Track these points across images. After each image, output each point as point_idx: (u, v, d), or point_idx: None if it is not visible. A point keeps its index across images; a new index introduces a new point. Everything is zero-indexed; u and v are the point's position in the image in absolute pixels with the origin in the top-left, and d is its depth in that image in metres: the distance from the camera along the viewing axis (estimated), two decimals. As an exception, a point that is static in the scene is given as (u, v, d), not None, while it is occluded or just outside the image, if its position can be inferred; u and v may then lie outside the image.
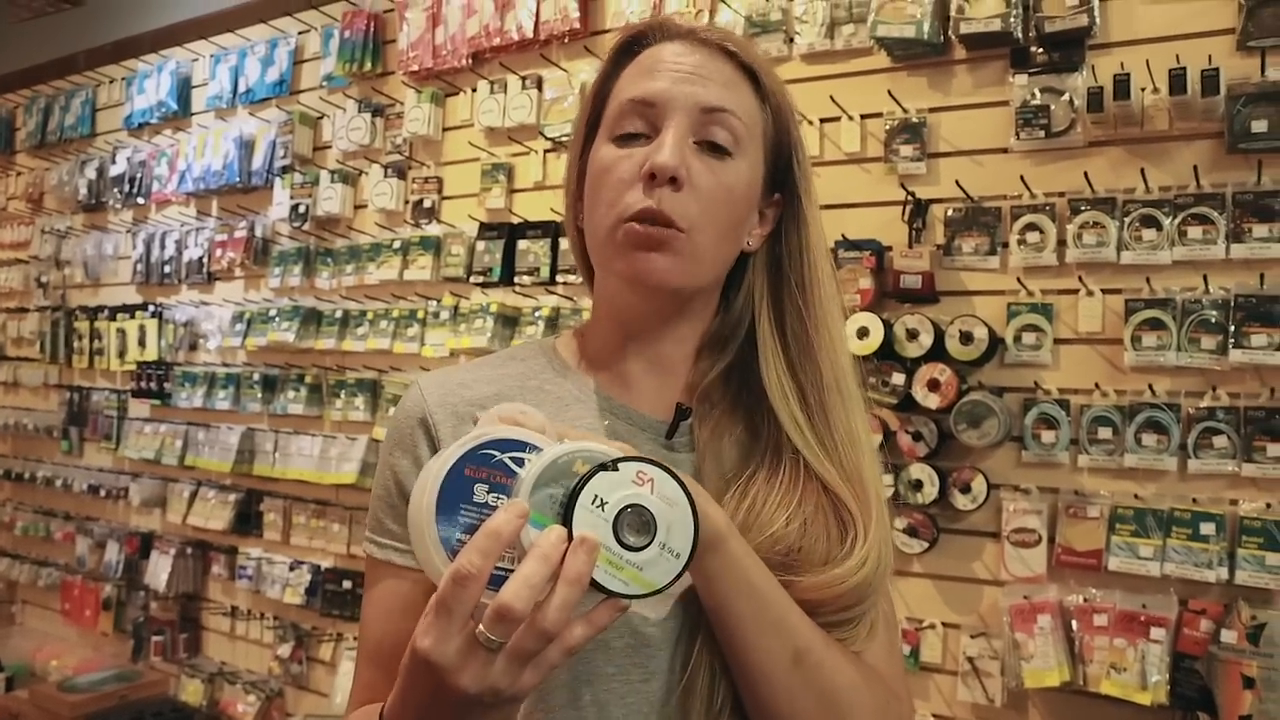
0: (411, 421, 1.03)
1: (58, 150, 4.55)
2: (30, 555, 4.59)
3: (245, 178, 3.64)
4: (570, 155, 1.09)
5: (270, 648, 3.53)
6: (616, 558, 0.78)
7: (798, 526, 0.96)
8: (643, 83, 0.99)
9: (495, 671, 0.74)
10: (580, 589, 0.74)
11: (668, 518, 0.79)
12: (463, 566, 0.72)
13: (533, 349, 1.12)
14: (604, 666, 0.95)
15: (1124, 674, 1.96)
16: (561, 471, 0.78)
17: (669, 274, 0.97)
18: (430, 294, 3.17)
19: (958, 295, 2.26)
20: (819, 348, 1.02)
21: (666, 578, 0.79)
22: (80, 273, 4.37)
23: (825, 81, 2.44)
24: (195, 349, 3.87)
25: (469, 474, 0.79)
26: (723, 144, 0.98)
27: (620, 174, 0.98)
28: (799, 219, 1.05)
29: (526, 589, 0.72)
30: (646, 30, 1.04)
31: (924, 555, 2.26)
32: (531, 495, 0.77)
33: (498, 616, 0.72)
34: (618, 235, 0.98)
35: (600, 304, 1.09)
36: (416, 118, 3.17)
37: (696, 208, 0.97)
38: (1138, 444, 2.03)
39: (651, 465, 0.79)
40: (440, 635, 0.73)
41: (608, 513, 0.77)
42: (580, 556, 0.74)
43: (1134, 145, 2.10)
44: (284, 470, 3.47)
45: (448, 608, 0.73)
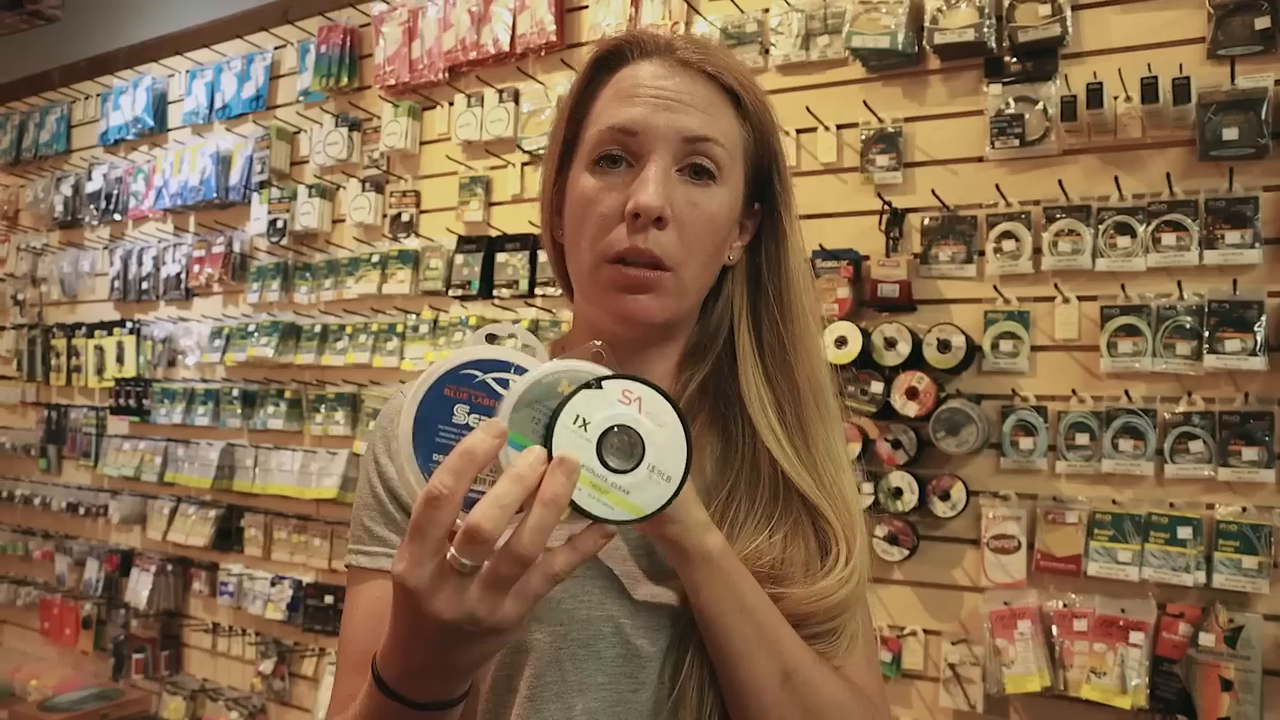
0: (396, 425, 1.02)
1: (33, 167, 4.52)
2: (9, 574, 4.55)
3: (223, 193, 3.63)
4: (546, 171, 1.08)
5: (252, 664, 3.51)
6: (600, 480, 0.75)
7: (779, 541, 0.96)
8: (622, 109, 0.97)
9: (471, 598, 0.72)
10: (557, 511, 0.71)
11: (657, 439, 0.76)
12: (434, 487, 0.70)
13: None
14: (595, 676, 0.95)
15: (1104, 678, 1.98)
16: (546, 391, 0.75)
17: (657, 313, 0.98)
18: (409, 308, 3.17)
19: (935, 304, 2.27)
20: (797, 360, 1.02)
21: (656, 503, 0.76)
22: (57, 290, 4.34)
23: (801, 92, 2.45)
24: (174, 365, 3.85)
25: (448, 394, 0.77)
26: (707, 170, 0.98)
27: (602, 209, 0.97)
28: (778, 232, 1.05)
29: (497, 509, 0.70)
30: (623, 44, 1.02)
31: (904, 563, 2.27)
32: (512, 415, 0.74)
33: (467, 538, 0.70)
34: (601, 275, 0.97)
35: (581, 323, 1.08)
36: (394, 132, 3.17)
37: (681, 243, 0.96)
38: (1115, 449, 2.05)
39: (639, 383, 0.76)
40: (414, 559, 0.71)
41: (590, 433, 0.74)
42: (558, 477, 0.71)
43: (1107, 153, 2.12)
44: (264, 486, 3.45)
45: (421, 530, 0.71)
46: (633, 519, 0.76)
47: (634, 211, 0.94)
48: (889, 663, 2.25)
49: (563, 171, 1.04)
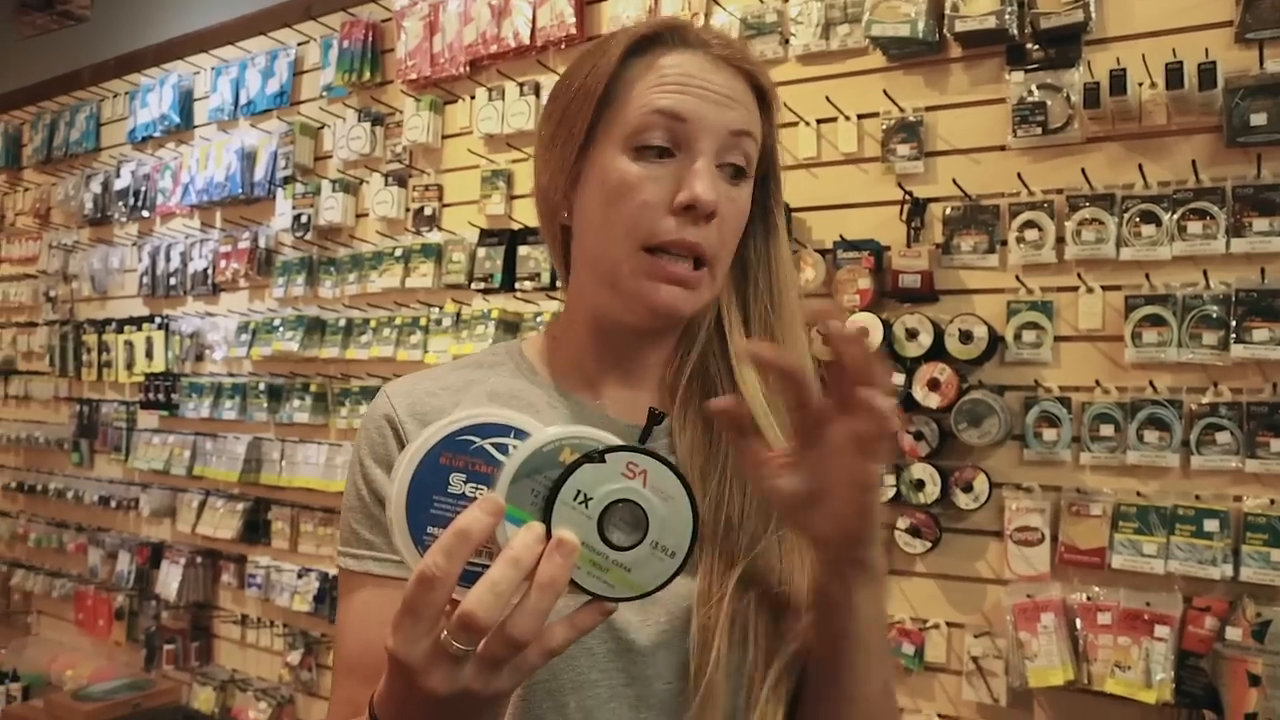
0: (381, 426, 1.01)
1: (64, 165, 4.58)
2: (44, 566, 4.61)
3: (248, 189, 3.66)
4: (557, 153, 1.03)
5: (280, 655, 3.54)
6: (601, 558, 0.72)
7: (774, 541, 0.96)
8: (671, 94, 0.96)
9: (466, 675, 0.71)
10: (554, 595, 0.69)
11: (661, 513, 0.73)
12: (427, 568, 0.68)
13: (499, 354, 1.10)
14: (589, 673, 0.94)
15: (1128, 672, 1.95)
16: (547, 461, 0.72)
17: (687, 307, 0.98)
18: (432, 301, 3.18)
19: (957, 294, 2.25)
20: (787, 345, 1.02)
21: (658, 579, 0.74)
22: (88, 286, 4.39)
23: (821, 82, 2.43)
24: (201, 360, 3.89)
25: (444, 462, 0.73)
26: (742, 167, 0.98)
27: (646, 196, 0.95)
28: (769, 226, 1.06)
29: (491, 596, 0.68)
30: (662, 30, 1.00)
31: (927, 555, 2.25)
32: (511, 486, 0.71)
33: (461, 625, 0.68)
34: (639, 263, 0.96)
35: (578, 310, 1.06)
36: (416, 126, 3.18)
37: (720, 239, 0.97)
38: (1140, 441, 2.02)
39: (646, 456, 0.72)
40: (407, 637, 0.70)
41: (592, 509, 0.71)
42: (556, 560, 0.69)
43: (1132, 141, 2.09)
44: (290, 479, 3.48)
45: (414, 610, 0.69)
46: (633, 596, 0.74)
47: (689, 203, 0.93)
48: (911, 655, 2.24)
49: (583, 153, 1.01)
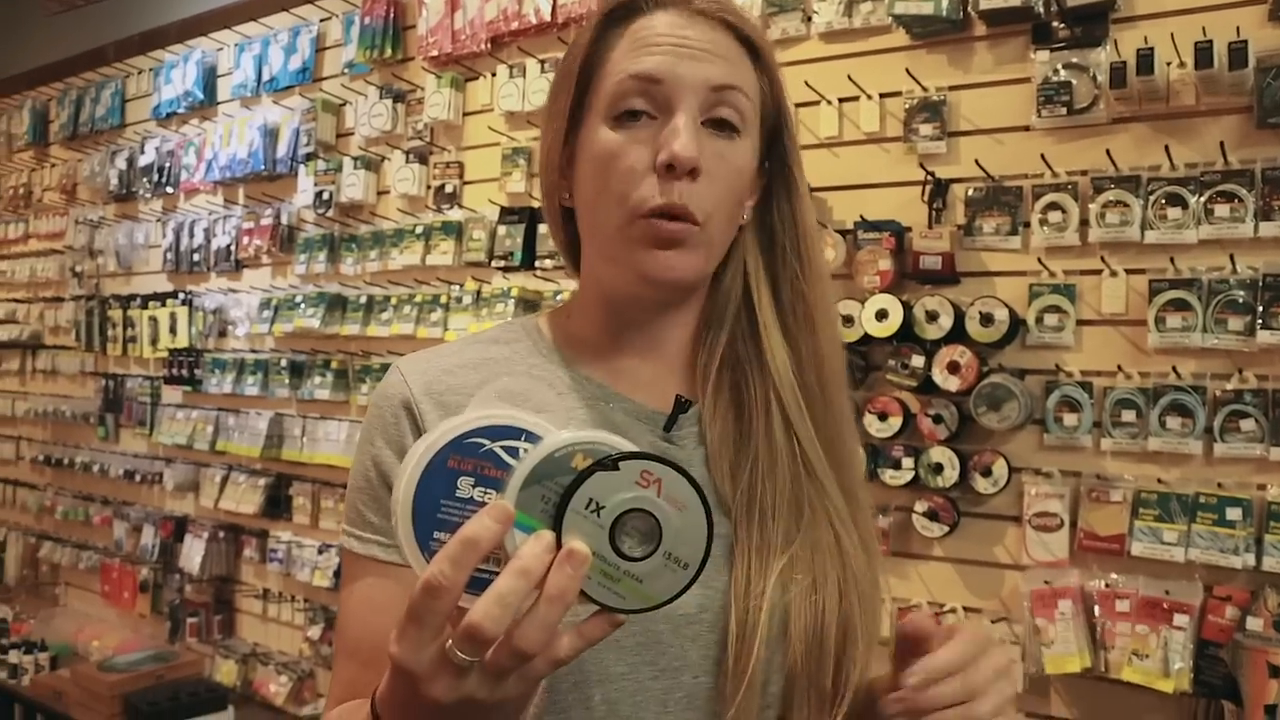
0: (394, 406, 0.98)
1: (90, 141, 4.61)
2: (71, 539, 4.68)
3: (270, 165, 3.66)
4: (550, 132, 1.02)
5: (301, 629, 3.57)
6: (612, 568, 0.70)
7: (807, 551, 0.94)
8: (643, 57, 0.93)
9: (470, 684, 0.69)
10: (563, 608, 0.67)
11: (675, 523, 0.70)
12: (433, 577, 0.66)
13: (516, 331, 1.06)
14: (614, 665, 0.91)
15: (1146, 661, 1.93)
16: (558, 467, 0.69)
17: (687, 270, 0.94)
18: (453, 279, 3.18)
19: (979, 276, 2.22)
20: (819, 316, 1.00)
21: (670, 591, 0.71)
22: (113, 262, 4.42)
23: (844, 60, 2.40)
24: (224, 336, 3.91)
25: (452, 466, 0.71)
26: (732, 123, 0.94)
27: (630, 162, 0.92)
28: (790, 186, 1.02)
29: (498, 609, 0.66)
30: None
31: (944, 539, 2.23)
32: (521, 492, 0.69)
33: (467, 636, 0.66)
34: (633, 231, 0.93)
35: (591, 290, 1.04)
36: (437, 103, 3.17)
37: (711, 196, 0.93)
38: (1162, 427, 1.99)
39: (661, 464, 0.70)
40: (412, 644, 0.68)
41: (604, 518, 0.69)
42: (565, 571, 0.67)
43: (1159, 121, 2.05)
44: (312, 455, 3.50)
45: (418, 617, 0.67)
46: (645, 608, 0.71)
47: (668, 162, 0.90)
48: (927, 640, 2.23)
49: (573, 130, 0.99)
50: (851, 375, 2.28)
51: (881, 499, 2.31)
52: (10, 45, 5.23)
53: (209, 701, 3.50)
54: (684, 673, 0.93)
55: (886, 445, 2.28)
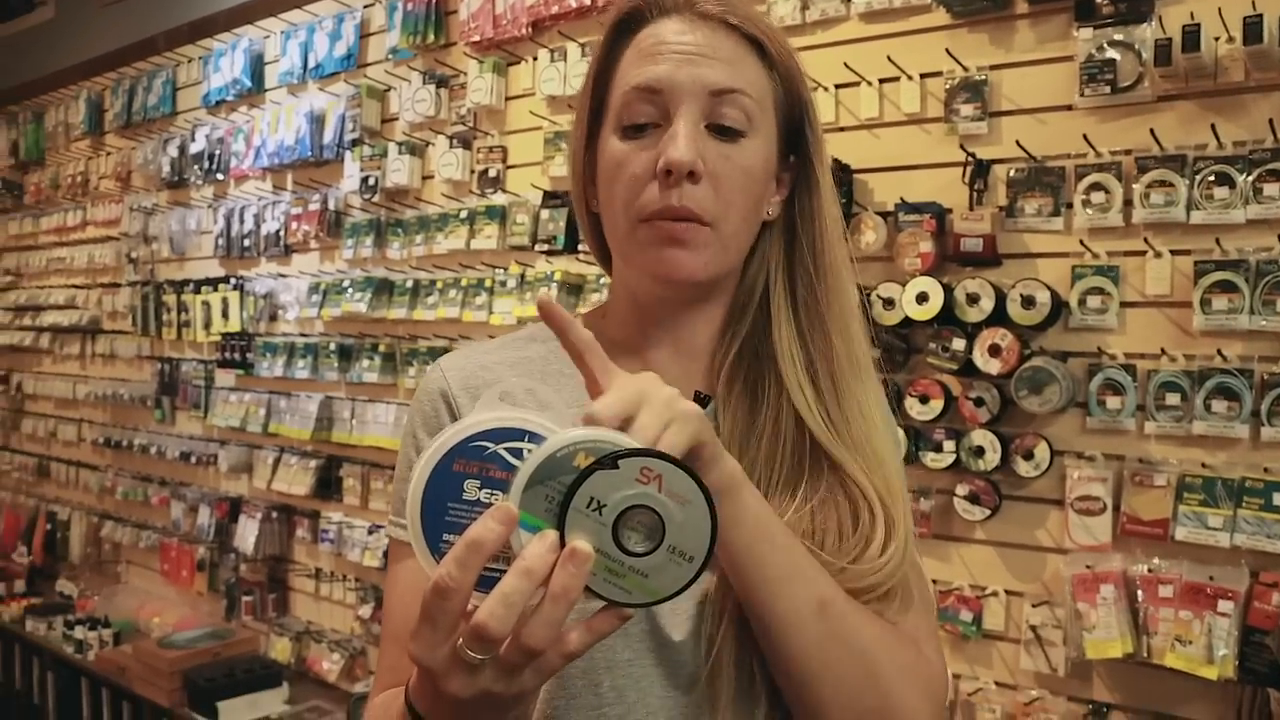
0: (434, 398, 1.03)
1: (142, 130, 4.68)
2: (131, 518, 4.80)
3: (317, 151, 3.71)
4: (575, 140, 1.07)
5: (352, 608, 3.64)
6: (617, 565, 0.71)
7: (808, 512, 0.95)
8: (645, 68, 0.96)
9: (485, 679, 0.71)
10: (567, 605, 0.69)
11: (678, 518, 0.71)
12: (441, 578, 0.69)
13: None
14: (622, 652, 0.94)
15: (1189, 647, 1.92)
16: (561, 466, 0.70)
17: (696, 269, 0.96)
18: (497, 263, 3.20)
19: (1020, 258, 2.20)
20: (830, 313, 1.01)
21: (675, 585, 0.72)
22: (167, 248, 4.51)
23: (884, 40, 2.38)
24: (275, 320, 3.98)
25: (458, 469, 0.73)
26: (736, 125, 0.96)
27: (634, 170, 0.96)
28: (811, 182, 1.03)
29: (504, 608, 0.68)
30: (642, 5, 1.00)
31: (986, 522, 2.22)
32: (525, 492, 0.70)
33: (475, 635, 0.68)
34: (640, 235, 0.96)
35: (620, 290, 1.08)
36: (479, 88, 3.18)
37: (716, 197, 0.95)
38: (1207, 411, 1.96)
39: (660, 460, 0.70)
40: (426, 644, 0.70)
41: (606, 516, 0.70)
42: (569, 570, 0.68)
43: (1206, 99, 2.01)
44: (361, 437, 3.55)
45: (431, 617, 0.70)
46: (650, 602, 0.72)
47: (665, 168, 0.93)
48: (969, 622, 2.23)
49: (593, 139, 1.03)
50: (892, 358, 2.29)
51: (923, 482, 2.31)
52: (66, 38, 5.33)
53: (264, 678, 3.58)
54: (686, 658, 0.95)
55: (928, 428, 2.28)
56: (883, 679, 0.91)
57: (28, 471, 5.55)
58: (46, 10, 5.58)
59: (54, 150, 5.37)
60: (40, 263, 5.43)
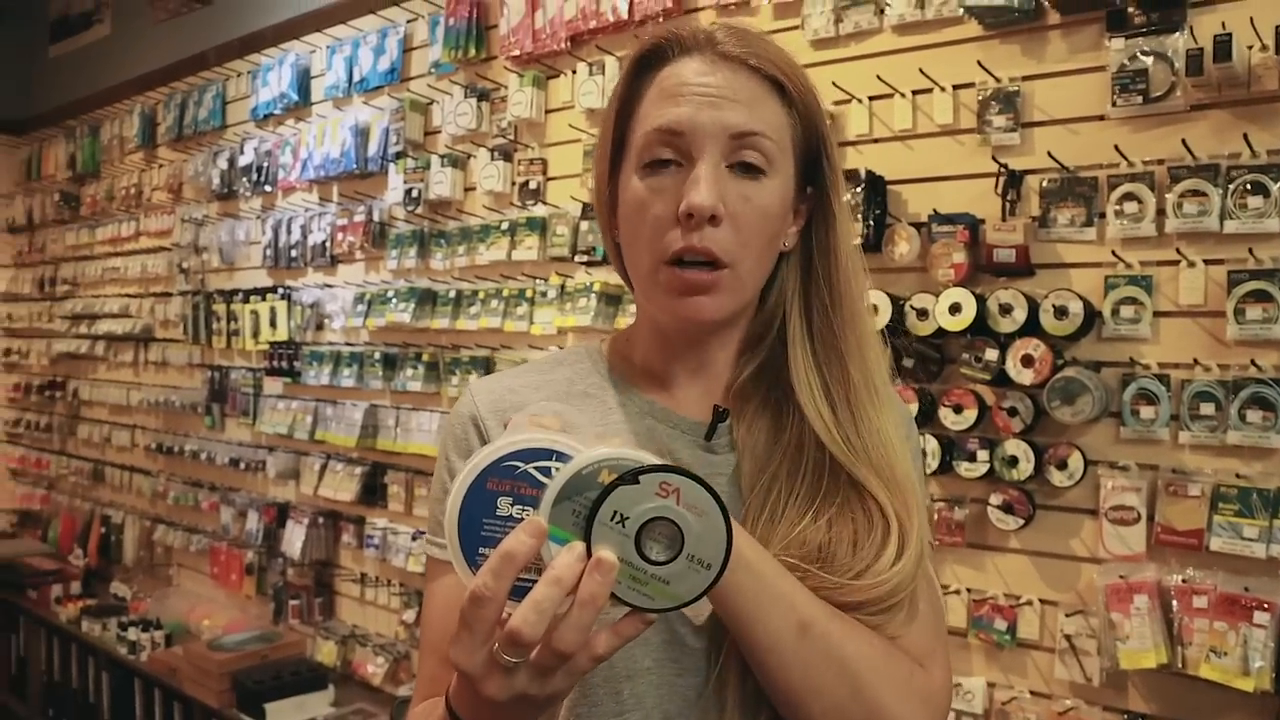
0: (464, 422, 1.08)
1: (193, 143, 4.80)
2: (183, 522, 4.90)
3: (362, 164, 3.78)
4: (597, 173, 1.11)
5: (396, 613, 3.70)
6: (640, 573, 0.76)
7: (824, 524, 0.98)
8: (668, 109, 0.99)
9: (520, 682, 0.76)
10: (594, 611, 0.74)
11: (696, 528, 0.76)
12: (478, 588, 0.74)
13: (580, 353, 1.15)
14: (642, 660, 0.98)
15: (1224, 658, 1.91)
16: (586, 483, 0.76)
17: (715, 313, 1.00)
18: (538, 273, 3.25)
19: (1053, 268, 2.20)
20: (845, 344, 1.04)
21: (695, 590, 0.77)
22: (216, 258, 4.61)
23: (916, 53, 2.39)
24: (321, 329, 4.06)
25: (491, 487, 0.78)
26: (756, 165, 0.99)
27: (656, 211, 0.99)
28: (828, 215, 1.06)
29: (535, 615, 0.73)
30: (662, 42, 1.03)
31: (1020, 532, 2.23)
32: (554, 507, 0.76)
33: (509, 640, 0.74)
34: (660, 277, 1.00)
35: (643, 316, 1.12)
36: (520, 101, 3.23)
37: (736, 239, 0.98)
38: (1242, 420, 1.96)
39: (677, 475, 0.76)
40: (465, 649, 0.76)
41: (629, 528, 0.75)
42: (596, 578, 0.74)
43: (1239, 108, 2.01)
44: (405, 445, 3.61)
45: (469, 624, 0.75)
46: (672, 607, 0.78)
47: (687, 212, 0.96)
48: (1004, 631, 2.23)
49: (615, 173, 1.06)
50: (926, 368, 2.31)
51: (956, 491, 2.32)
52: (121, 55, 5.46)
53: (310, 681, 3.65)
54: (705, 667, 0.99)
55: (962, 438, 2.29)
56: (870, 695, 0.94)
57: (83, 476, 5.69)
58: (103, 28, 5.73)
59: (109, 163, 5.52)
60: (95, 272, 5.57)
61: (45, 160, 6.10)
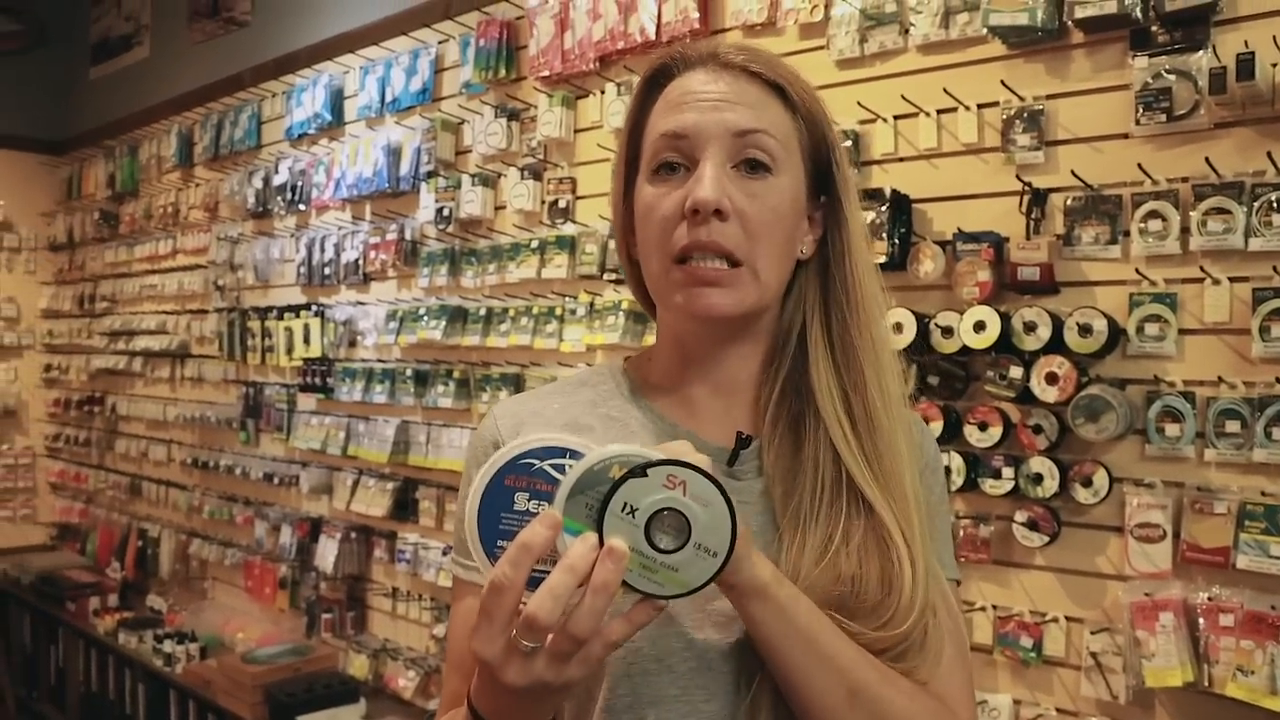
0: (487, 445, 1.10)
1: (229, 162, 4.88)
2: (218, 536, 4.97)
3: (394, 183, 3.84)
4: (614, 192, 1.14)
5: (427, 627, 3.74)
6: (650, 561, 0.81)
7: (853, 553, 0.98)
8: (673, 116, 1.02)
9: (538, 668, 0.81)
10: (608, 597, 0.79)
11: (702, 518, 0.81)
12: (497, 577, 0.79)
13: (603, 374, 1.17)
14: (668, 689, 0.99)
15: (1251, 677, 1.91)
16: (598, 478, 0.81)
17: (730, 306, 1.01)
18: (567, 291, 3.29)
19: (1078, 286, 2.21)
20: (863, 346, 1.05)
21: (703, 577, 0.82)
22: (251, 275, 4.69)
23: (941, 72, 2.41)
24: (354, 346, 4.11)
25: (509, 484, 0.84)
26: (762, 162, 1.01)
27: (664, 212, 1.01)
28: (840, 220, 1.08)
29: (551, 600, 0.78)
30: (669, 61, 1.07)
31: (1045, 549, 2.23)
32: (568, 501, 0.81)
33: (526, 625, 0.78)
34: (673, 276, 1.02)
35: (663, 331, 1.14)
36: (549, 121, 3.28)
37: (745, 234, 1.00)
38: (1268, 438, 1.96)
39: (683, 467, 0.81)
40: (485, 637, 0.81)
41: (638, 518, 0.80)
42: (608, 566, 0.79)
43: (1263, 125, 2.01)
44: (436, 461, 3.65)
45: (489, 613, 0.80)
46: (682, 593, 0.82)
47: (692, 208, 0.98)
48: (1029, 649, 2.23)
49: (630, 189, 1.09)
50: (951, 386, 2.32)
51: (981, 508, 2.33)
52: (159, 76, 5.57)
53: (342, 694, 3.69)
54: (735, 694, 0.99)
55: (987, 455, 2.30)
56: None
57: (121, 490, 5.78)
58: (142, 50, 5.84)
59: (147, 182, 5.61)
60: (133, 289, 5.67)
61: (85, 179, 6.22)
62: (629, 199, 1.10)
